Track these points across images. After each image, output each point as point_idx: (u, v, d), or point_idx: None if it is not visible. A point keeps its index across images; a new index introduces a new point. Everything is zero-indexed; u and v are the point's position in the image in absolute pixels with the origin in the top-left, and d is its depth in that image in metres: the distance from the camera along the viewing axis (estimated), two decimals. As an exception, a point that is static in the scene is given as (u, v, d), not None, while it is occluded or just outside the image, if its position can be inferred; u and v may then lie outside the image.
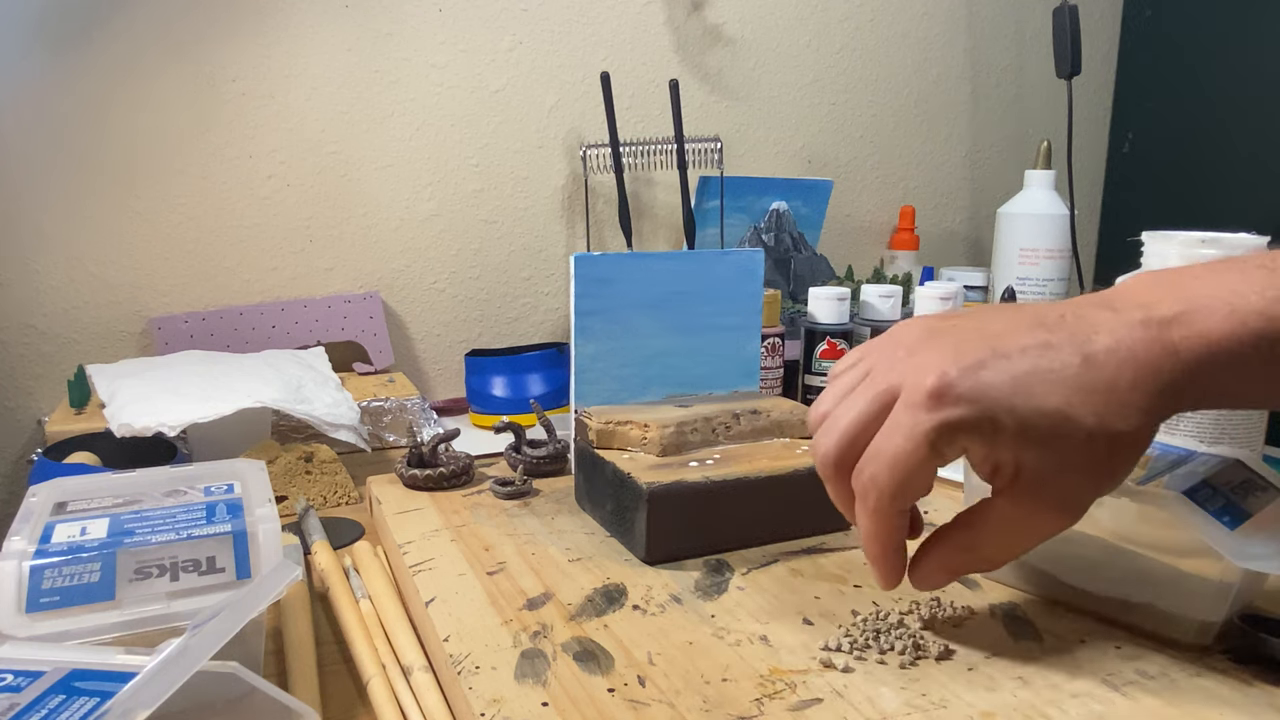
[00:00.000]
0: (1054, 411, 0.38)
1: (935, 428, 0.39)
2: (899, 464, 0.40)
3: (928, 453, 0.39)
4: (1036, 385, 0.38)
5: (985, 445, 0.39)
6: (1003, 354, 0.39)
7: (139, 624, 0.41)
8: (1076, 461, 0.39)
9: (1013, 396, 0.38)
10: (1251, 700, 0.41)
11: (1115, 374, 0.38)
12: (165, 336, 0.93)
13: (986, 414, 0.38)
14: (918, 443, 0.39)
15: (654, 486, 0.54)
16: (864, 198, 1.23)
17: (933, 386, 0.39)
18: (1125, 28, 1.30)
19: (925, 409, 0.39)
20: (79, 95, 0.89)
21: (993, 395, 0.38)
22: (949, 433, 0.39)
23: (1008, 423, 0.38)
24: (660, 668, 0.43)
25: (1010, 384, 0.38)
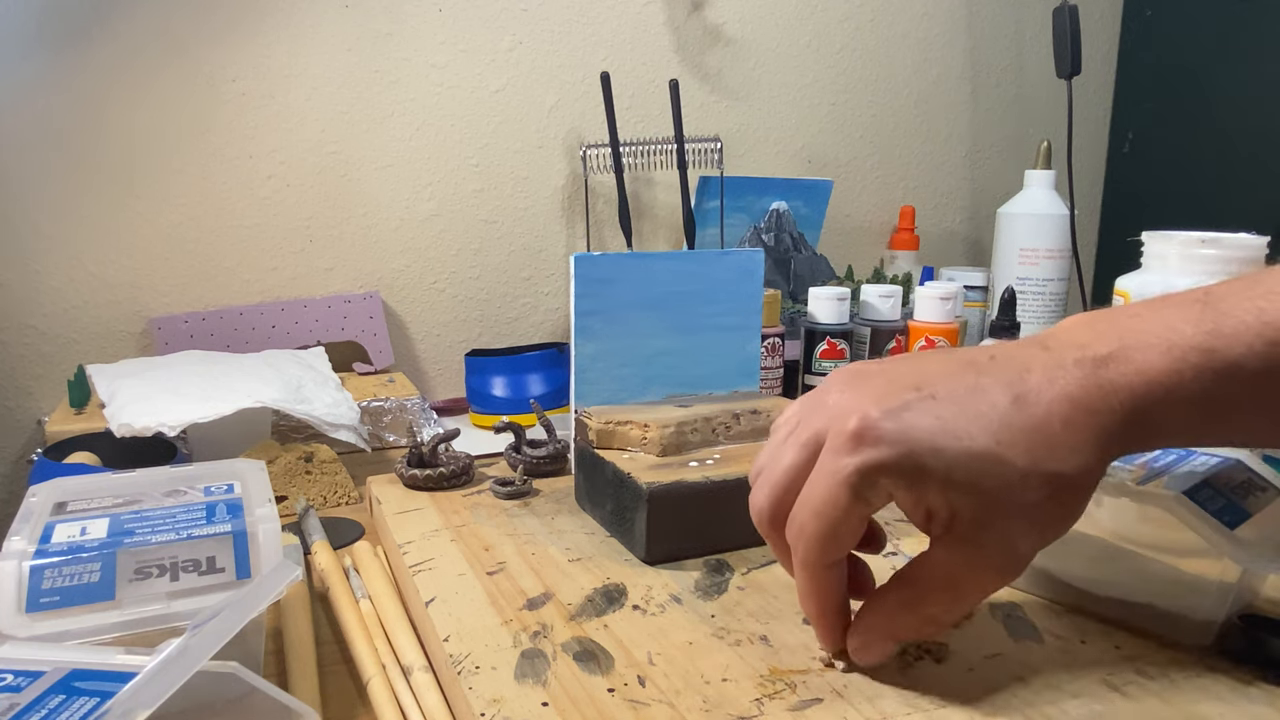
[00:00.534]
0: (983, 452, 0.37)
1: (856, 470, 0.37)
2: (823, 511, 0.38)
3: (850, 498, 0.37)
4: (964, 426, 0.37)
5: (911, 489, 0.37)
6: (929, 395, 0.38)
7: (139, 624, 0.41)
8: (1012, 505, 0.37)
9: (937, 437, 0.37)
10: (1251, 700, 0.41)
11: (1047, 413, 0.37)
12: (165, 336, 0.93)
13: (909, 456, 0.37)
14: (839, 488, 0.38)
15: (654, 486, 0.54)
16: (864, 198, 1.23)
17: (853, 429, 0.37)
18: (1125, 28, 1.30)
19: (846, 452, 0.37)
20: (78, 95, 0.89)
21: (916, 436, 0.37)
22: (871, 475, 0.37)
23: (933, 465, 0.37)
24: (660, 668, 0.43)
25: (936, 425, 0.37)
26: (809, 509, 0.39)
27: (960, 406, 0.38)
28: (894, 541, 0.59)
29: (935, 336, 0.86)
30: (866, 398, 0.38)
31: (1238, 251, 0.67)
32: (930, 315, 0.86)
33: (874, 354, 0.86)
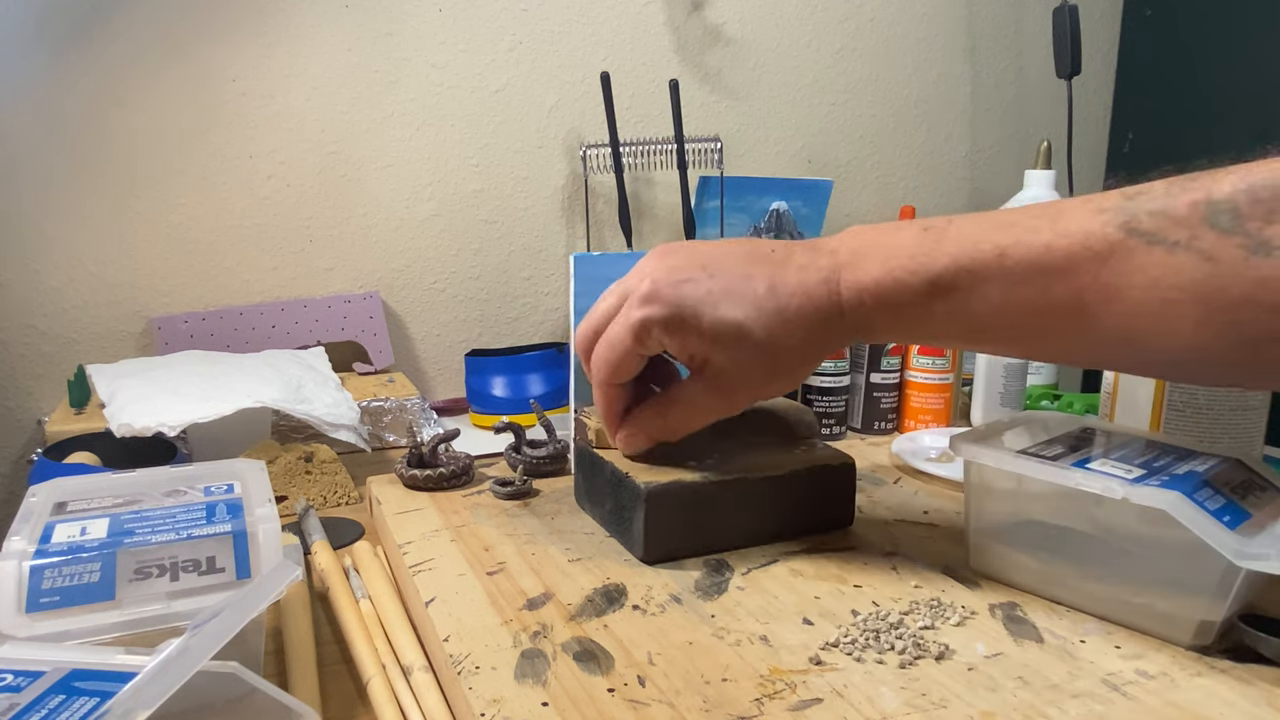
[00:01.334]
0: (732, 322, 0.49)
1: (638, 321, 0.50)
2: (612, 347, 0.51)
3: (631, 339, 0.50)
4: (724, 301, 0.49)
5: (674, 339, 0.50)
6: (709, 274, 0.50)
7: (139, 624, 0.41)
8: (750, 363, 0.50)
9: (702, 305, 0.49)
10: (1251, 700, 0.41)
11: (787, 302, 0.49)
12: (165, 336, 0.93)
13: (676, 316, 0.49)
14: (624, 331, 0.50)
15: (651, 486, 0.54)
16: (864, 198, 1.23)
17: (644, 290, 0.50)
18: (1125, 28, 1.30)
19: (634, 306, 0.50)
20: (79, 95, 0.89)
21: (686, 302, 0.49)
22: (647, 325, 0.50)
23: (693, 324, 0.49)
24: (660, 668, 0.43)
25: (705, 296, 0.49)
26: (604, 343, 0.52)
27: (728, 286, 0.49)
28: (893, 542, 0.59)
29: (935, 336, 0.86)
30: (662, 268, 0.50)
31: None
32: (930, 315, 0.86)
33: (874, 354, 0.86)
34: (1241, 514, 0.45)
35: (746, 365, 0.50)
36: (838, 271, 0.49)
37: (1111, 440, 0.54)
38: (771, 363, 0.50)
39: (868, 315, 0.49)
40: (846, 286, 0.48)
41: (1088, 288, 0.43)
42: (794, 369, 0.52)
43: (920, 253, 0.47)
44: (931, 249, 0.47)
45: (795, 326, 0.49)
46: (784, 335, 0.49)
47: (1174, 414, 0.65)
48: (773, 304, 0.49)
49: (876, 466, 0.76)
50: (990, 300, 0.45)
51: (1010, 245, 0.45)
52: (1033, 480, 0.50)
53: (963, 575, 0.54)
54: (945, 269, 0.46)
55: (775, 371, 0.51)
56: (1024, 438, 0.54)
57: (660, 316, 0.49)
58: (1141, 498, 0.45)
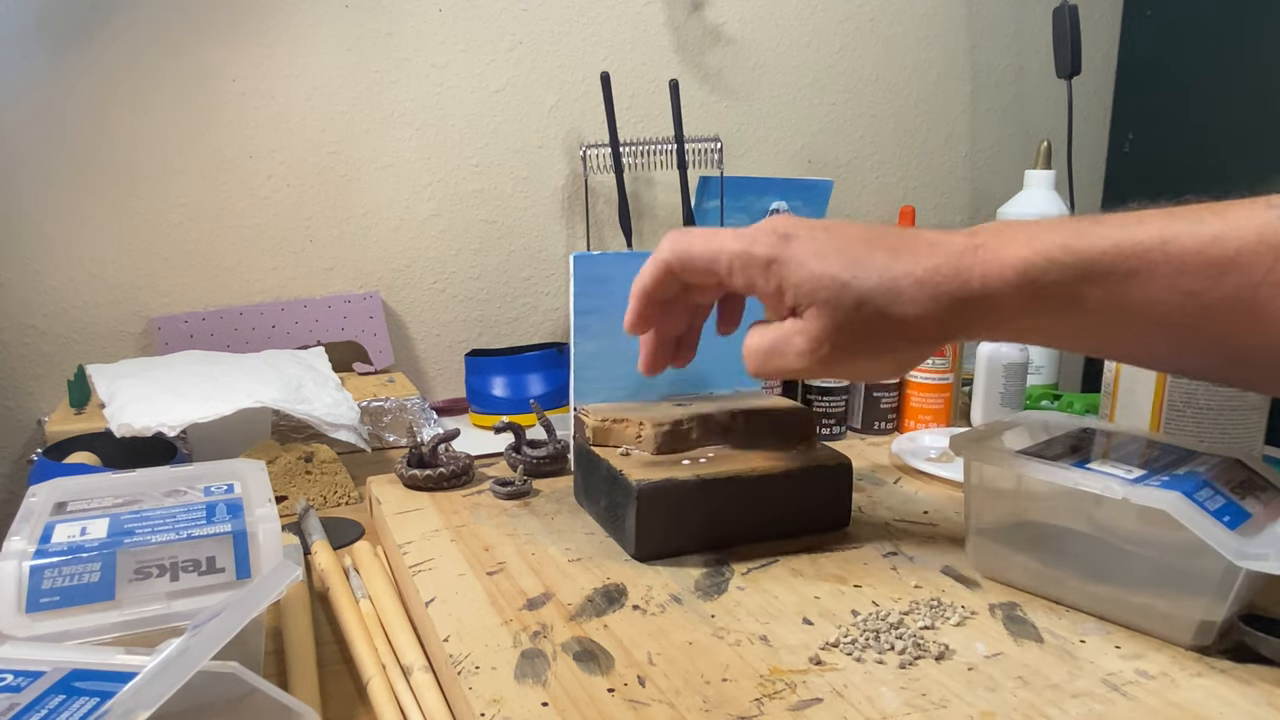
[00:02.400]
0: (829, 275, 0.46)
1: (738, 252, 0.48)
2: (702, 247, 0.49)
3: (719, 259, 0.48)
4: (833, 257, 0.46)
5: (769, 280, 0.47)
6: (827, 234, 0.47)
7: (139, 624, 0.41)
8: (845, 324, 0.46)
9: (808, 256, 0.46)
10: (1251, 700, 0.41)
11: (907, 270, 0.45)
12: (165, 336, 0.93)
13: (772, 262, 0.47)
14: (719, 247, 0.49)
15: (643, 484, 0.54)
16: (864, 198, 1.23)
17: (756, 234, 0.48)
18: (1125, 28, 1.30)
19: (747, 242, 0.48)
20: (79, 95, 0.89)
21: (793, 250, 0.47)
22: (744, 257, 0.48)
23: (790, 274, 0.46)
24: (660, 668, 0.43)
25: (813, 248, 0.47)
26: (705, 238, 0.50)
27: (841, 248, 0.46)
28: (893, 542, 0.59)
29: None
30: (786, 222, 0.49)
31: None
32: (930, 315, 0.86)
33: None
34: (1241, 514, 0.45)
35: (842, 328, 0.46)
36: (975, 250, 0.44)
37: (1111, 440, 0.54)
38: (871, 334, 0.46)
39: (1005, 298, 0.44)
40: (985, 263, 0.44)
41: (1262, 283, 0.40)
42: (897, 350, 0.47)
43: (1075, 235, 0.43)
44: (1087, 231, 0.43)
45: (910, 299, 0.45)
46: (894, 305, 0.45)
47: (1174, 414, 0.65)
48: (888, 270, 0.45)
49: (876, 466, 0.76)
50: (1150, 290, 0.42)
51: (1175, 235, 0.41)
52: (1033, 480, 0.50)
53: (963, 575, 0.54)
54: (1103, 252, 0.42)
55: (874, 346, 0.47)
56: (1024, 438, 0.54)
57: (762, 254, 0.47)
58: (1141, 498, 0.45)
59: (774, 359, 0.49)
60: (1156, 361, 0.48)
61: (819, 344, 0.47)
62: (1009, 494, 0.52)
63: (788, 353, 0.48)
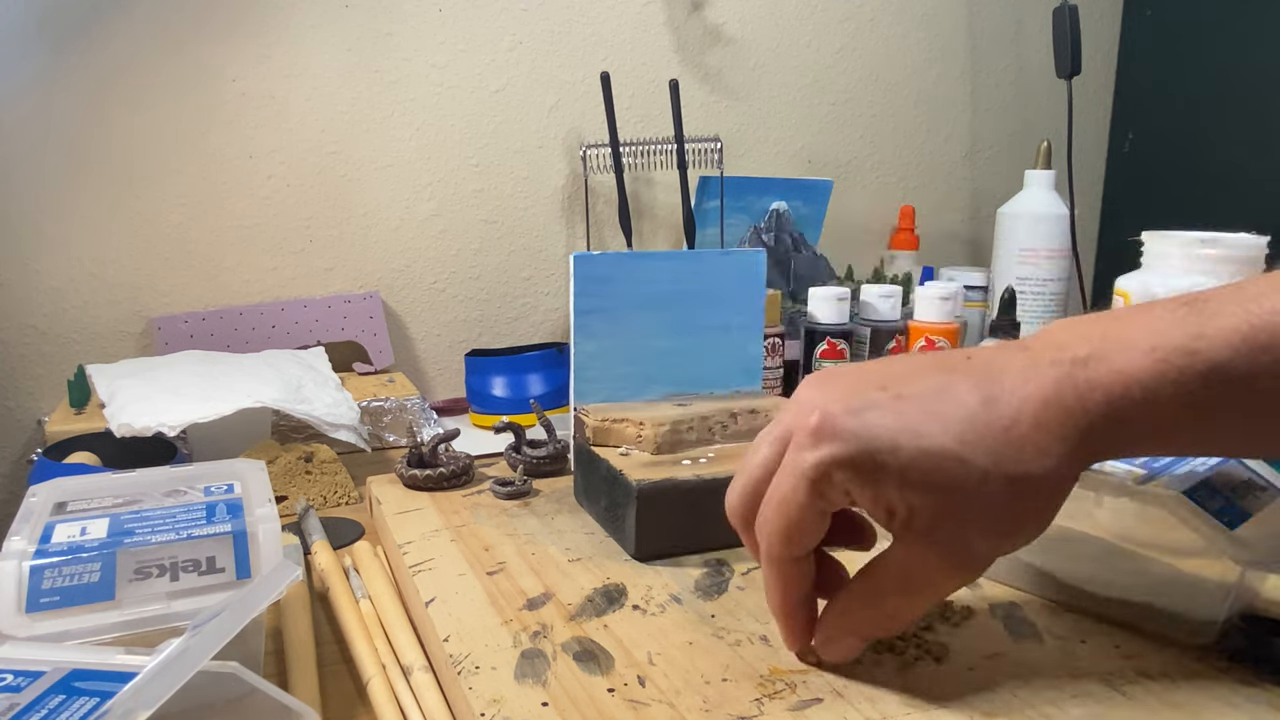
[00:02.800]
0: (941, 451, 0.36)
1: (814, 465, 0.37)
2: (784, 505, 0.39)
3: (808, 492, 0.38)
4: (926, 424, 0.37)
5: (867, 486, 0.37)
6: (895, 394, 0.38)
7: (139, 624, 0.41)
8: (970, 506, 0.37)
9: (898, 435, 0.37)
10: (1251, 700, 0.41)
11: (1017, 413, 0.37)
12: (165, 336, 0.93)
13: (865, 452, 0.37)
14: (799, 481, 0.38)
15: (643, 484, 0.54)
16: (864, 198, 1.23)
17: (814, 424, 0.38)
18: (1125, 28, 1.30)
19: (806, 448, 0.38)
20: (79, 95, 0.89)
21: (875, 433, 0.37)
22: (826, 469, 0.37)
23: (890, 462, 0.37)
24: (660, 668, 0.43)
25: (897, 422, 0.37)
26: (773, 503, 0.39)
27: (925, 406, 0.37)
28: (894, 541, 0.59)
29: (935, 336, 0.86)
30: (832, 395, 0.38)
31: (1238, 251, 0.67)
32: (930, 315, 0.86)
33: (874, 354, 0.86)
34: (1241, 514, 0.45)
35: (973, 510, 0.37)
36: (1079, 368, 0.37)
37: (1111, 440, 0.54)
38: (1009, 501, 0.37)
39: (1136, 420, 0.37)
40: (1100, 384, 0.36)
41: None
42: (1042, 504, 0.38)
43: (1193, 329, 0.36)
44: (1206, 324, 0.36)
45: (1035, 446, 0.36)
46: (1020, 460, 0.36)
47: (1174, 414, 0.65)
48: (995, 419, 0.37)
49: (876, 466, 0.76)
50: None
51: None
52: (1033, 480, 0.50)
53: (963, 575, 0.53)
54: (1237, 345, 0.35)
55: (1016, 512, 0.38)
56: (1024, 438, 0.54)
57: (843, 456, 0.37)
58: (1141, 498, 0.45)
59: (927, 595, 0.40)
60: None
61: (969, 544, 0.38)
62: (1009, 494, 0.52)
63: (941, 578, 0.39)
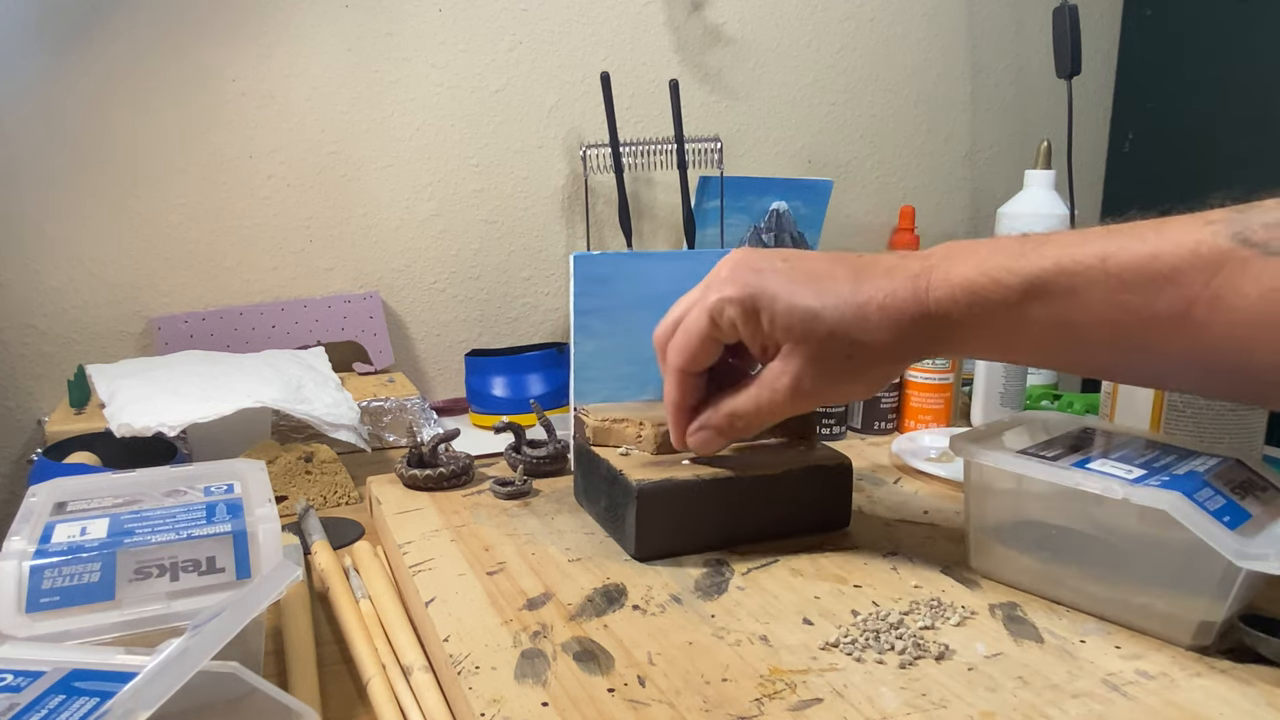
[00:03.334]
0: (804, 308, 0.48)
1: (715, 301, 0.50)
2: (688, 330, 0.51)
3: (707, 322, 0.50)
4: (804, 289, 0.48)
5: (750, 323, 0.49)
6: (790, 267, 0.50)
7: (139, 624, 0.41)
8: (817, 354, 0.49)
9: (780, 291, 0.49)
10: (1251, 700, 0.41)
11: (869, 298, 0.48)
12: (165, 336, 0.93)
13: (752, 297, 0.49)
14: (700, 312, 0.50)
15: (643, 484, 0.54)
16: (864, 198, 1.23)
17: (724, 275, 0.50)
18: (1125, 28, 1.30)
19: (713, 290, 0.50)
20: (80, 95, 0.89)
21: (765, 288, 0.49)
22: (722, 306, 0.49)
23: (767, 307, 0.48)
24: (660, 668, 0.43)
25: (781, 283, 0.49)
26: (681, 328, 0.52)
27: (808, 278, 0.49)
28: (893, 542, 0.59)
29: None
30: (743, 260, 0.51)
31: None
32: (930, 315, 0.86)
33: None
34: (1241, 514, 0.45)
35: (819, 359, 0.49)
36: (928, 273, 0.47)
37: (1111, 440, 0.54)
38: (846, 361, 0.49)
39: (957, 318, 0.47)
40: (936, 286, 0.47)
41: (1198, 297, 0.42)
42: (870, 372, 0.50)
43: (1018, 255, 0.45)
44: (1030, 252, 0.45)
45: (876, 324, 0.47)
46: (863, 332, 0.48)
47: (1174, 414, 0.65)
48: (854, 298, 0.48)
49: (876, 466, 0.76)
50: (1091, 307, 0.44)
51: (1114, 251, 0.43)
52: (1033, 480, 0.50)
53: (963, 575, 0.54)
54: (1044, 270, 0.44)
55: (850, 371, 0.49)
56: (1024, 438, 0.54)
57: (735, 296, 0.49)
58: (1141, 498, 0.45)
59: (764, 409, 0.51)
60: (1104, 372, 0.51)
61: (800, 380, 0.49)
62: (1009, 494, 0.52)
63: (777, 397, 0.50)
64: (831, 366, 0.49)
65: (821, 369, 0.49)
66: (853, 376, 0.50)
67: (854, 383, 0.50)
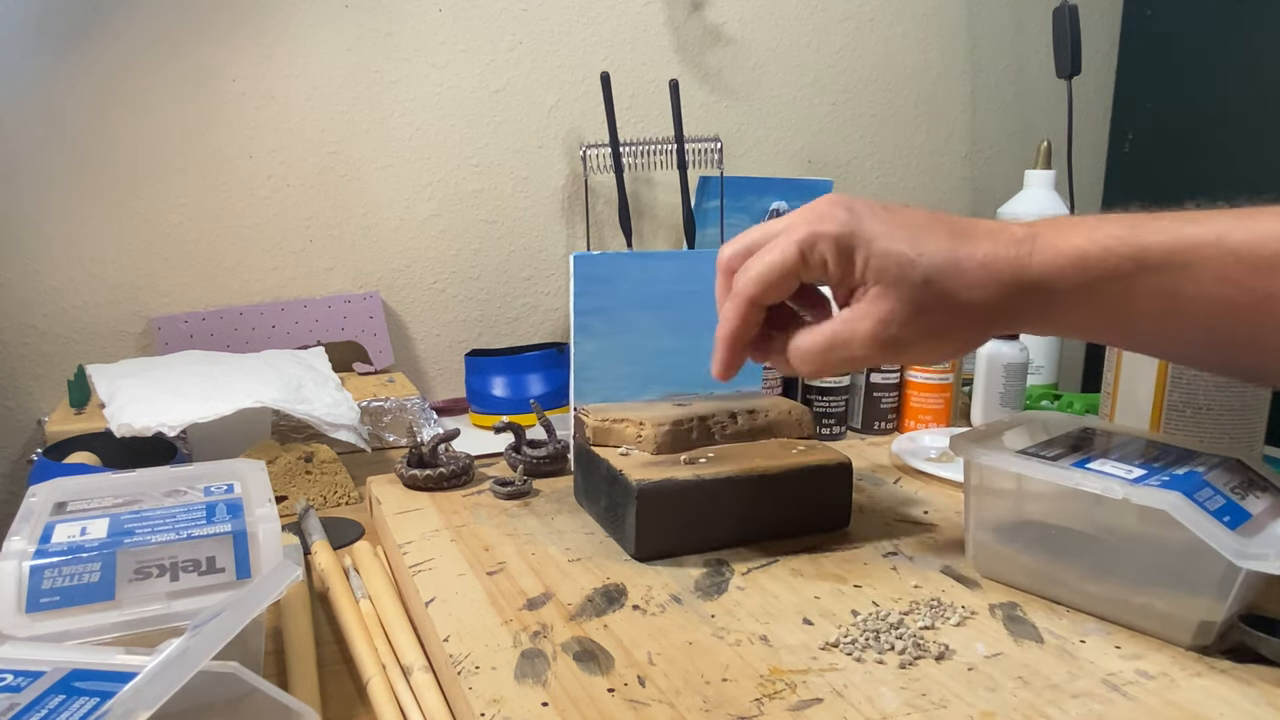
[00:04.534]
0: (899, 253, 0.46)
1: (808, 234, 0.47)
2: (770, 258, 0.48)
3: (795, 253, 0.47)
4: (901, 235, 0.46)
5: (842, 262, 0.47)
6: (890, 215, 0.48)
7: (139, 624, 0.41)
8: (913, 307, 0.46)
9: (877, 233, 0.46)
10: (1251, 700, 0.41)
11: (969, 254, 0.46)
12: (165, 336, 0.93)
13: (848, 234, 0.46)
14: (789, 244, 0.47)
15: (643, 484, 0.54)
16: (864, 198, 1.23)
17: (820, 210, 0.48)
18: (1125, 28, 1.30)
19: (805, 224, 0.47)
20: (79, 95, 0.89)
21: (859, 227, 0.47)
22: (815, 239, 0.47)
23: (862, 248, 0.46)
24: (660, 668, 0.43)
25: (878, 226, 0.47)
26: (762, 256, 0.48)
27: (906, 226, 0.47)
28: (893, 542, 0.59)
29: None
30: (842, 200, 0.49)
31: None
32: (930, 315, 0.86)
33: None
34: (1241, 514, 0.45)
35: (909, 307, 0.46)
36: (1033, 239, 0.46)
37: (1111, 440, 0.54)
38: (937, 315, 0.46)
39: (1061, 286, 0.45)
40: (1042, 251, 0.45)
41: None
42: (957, 332, 0.47)
43: (1131, 228, 0.44)
44: (1144, 224, 0.44)
45: (974, 280, 0.46)
46: (960, 287, 0.46)
47: (1174, 414, 0.65)
48: (952, 252, 0.46)
49: (876, 466, 0.76)
50: (1204, 283, 0.43)
51: (1231, 229, 0.43)
52: (1033, 480, 0.50)
53: (963, 575, 0.54)
54: (1158, 243, 0.43)
55: (937, 327, 0.47)
56: (1024, 438, 0.54)
57: (832, 232, 0.46)
58: (1141, 498, 0.45)
59: (836, 350, 0.48)
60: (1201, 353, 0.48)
61: (886, 325, 0.46)
62: (1009, 494, 0.52)
63: (853, 341, 0.47)
64: (920, 317, 0.46)
65: (909, 318, 0.46)
66: (939, 333, 0.47)
67: (939, 340, 0.48)
